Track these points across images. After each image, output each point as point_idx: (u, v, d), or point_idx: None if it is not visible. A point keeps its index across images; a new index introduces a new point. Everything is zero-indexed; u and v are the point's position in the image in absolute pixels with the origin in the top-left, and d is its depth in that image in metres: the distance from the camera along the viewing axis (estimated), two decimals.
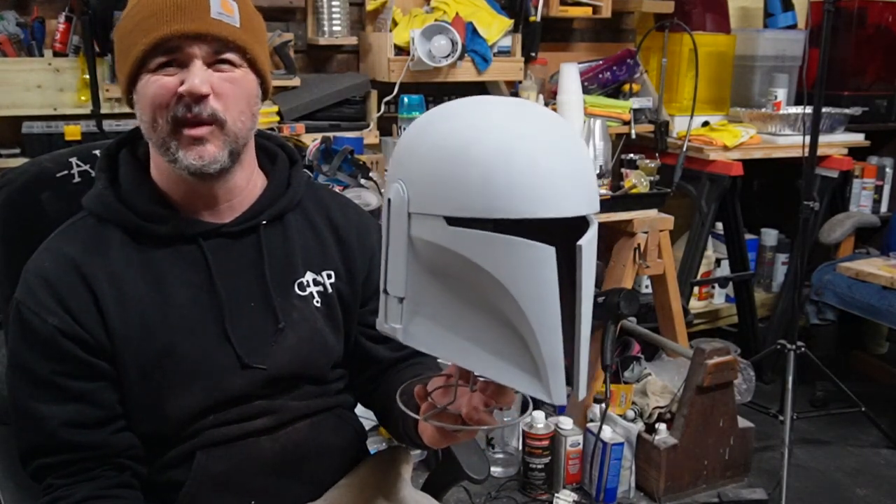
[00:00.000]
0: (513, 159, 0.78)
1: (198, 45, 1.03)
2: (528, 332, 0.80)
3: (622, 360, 2.62)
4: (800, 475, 2.52)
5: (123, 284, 1.08)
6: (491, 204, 0.78)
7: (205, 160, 1.05)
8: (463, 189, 0.79)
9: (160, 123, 1.05)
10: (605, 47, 3.27)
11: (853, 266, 2.84)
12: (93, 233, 1.10)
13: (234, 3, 1.07)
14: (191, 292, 1.10)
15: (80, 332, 1.05)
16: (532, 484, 2.39)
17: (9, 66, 2.36)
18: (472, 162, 0.79)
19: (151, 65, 1.04)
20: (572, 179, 0.80)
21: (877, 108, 3.36)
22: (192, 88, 1.02)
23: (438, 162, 0.81)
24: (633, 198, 2.55)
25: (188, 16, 1.02)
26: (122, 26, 1.07)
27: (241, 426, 1.13)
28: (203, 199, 1.13)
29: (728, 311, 3.38)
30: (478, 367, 0.87)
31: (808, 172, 2.54)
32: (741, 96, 3.33)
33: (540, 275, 0.79)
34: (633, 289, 2.55)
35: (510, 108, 0.84)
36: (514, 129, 0.81)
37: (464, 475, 1.28)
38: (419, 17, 2.73)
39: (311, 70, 2.84)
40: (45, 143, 2.32)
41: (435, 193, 0.81)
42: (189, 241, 1.12)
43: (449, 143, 0.81)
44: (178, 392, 1.09)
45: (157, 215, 1.11)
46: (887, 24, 3.36)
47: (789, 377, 2.50)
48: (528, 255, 0.78)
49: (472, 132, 0.80)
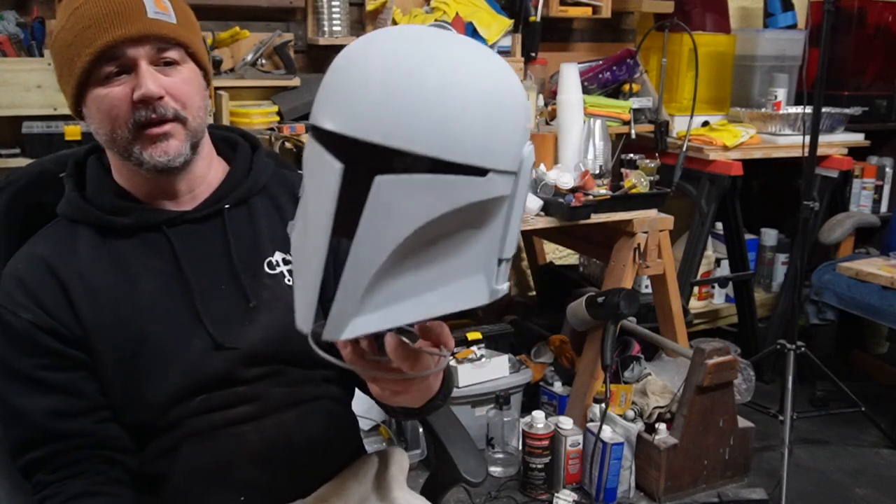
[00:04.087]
0: (338, 66, 0.76)
1: (141, 48, 1.05)
2: (309, 253, 0.78)
3: (622, 360, 2.62)
4: (800, 475, 2.52)
5: (92, 278, 1.11)
6: (316, 109, 0.77)
7: (170, 155, 1.09)
8: (318, 96, 0.78)
9: (120, 133, 1.08)
10: (605, 47, 3.27)
11: (853, 266, 2.84)
12: (64, 234, 1.14)
13: (168, 0, 1.09)
14: (159, 279, 1.13)
15: (53, 324, 1.08)
16: (532, 484, 2.39)
17: (9, 66, 2.35)
18: (330, 71, 0.78)
19: (99, 76, 1.06)
20: (381, 103, 0.72)
21: (877, 108, 3.36)
22: (147, 93, 1.05)
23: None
24: (633, 198, 2.55)
25: (126, 20, 1.04)
26: (60, 39, 1.08)
27: (223, 413, 1.13)
28: (166, 192, 1.16)
29: (728, 311, 3.38)
30: (299, 294, 0.82)
31: (808, 172, 2.54)
32: (741, 96, 3.33)
33: (322, 188, 0.75)
34: (633, 289, 2.55)
35: (407, 33, 0.78)
36: (388, 45, 0.76)
37: (460, 478, 1.28)
38: (419, 17, 2.73)
39: (311, 70, 2.84)
40: (45, 143, 2.32)
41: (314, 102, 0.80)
42: (153, 230, 1.15)
43: (341, 54, 0.79)
44: (156, 378, 1.10)
45: (121, 208, 1.14)
46: (887, 24, 3.36)
47: (789, 377, 2.50)
48: (321, 165, 0.75)
49: (353, 49, 0.78)
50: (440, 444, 1.32)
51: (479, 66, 0.76)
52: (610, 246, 2.62)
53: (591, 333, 2.60)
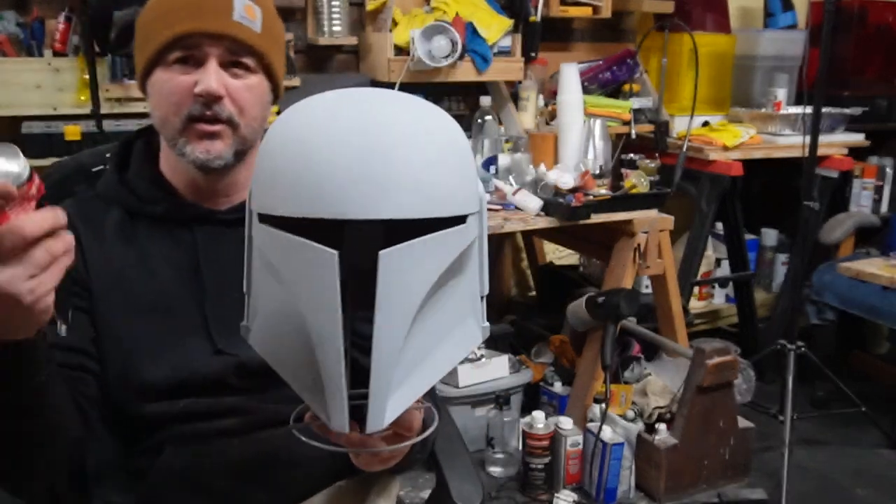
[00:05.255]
0: (296, 153, 0.73)
1: (215, 46, 1.06)
2: (311, 342, 0.74)
3: (622, 360, 2.62)
4: (800, 475, 2.52)
5: (112, 250, 1.11)
6: (276, 200, 0.74)
7: (211, 154, 1.08)
8: (262, 184, 0.77)
9: (172, 120, 1.08)
10: (605, 47, 3.27)
11: (853, 266, 2.84)
12: (93, 207, 1.15)
13: (258, 8, 1.09)
14: (175, 272, 1.12)
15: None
16: (532, 484, 2.38)
17: (9, 66, 2.36)
18: (269, 155, 0.76)
19: (167, 59, 1.07)
20: (360, 179, 0.71)
21: (877, 108, 3.36)
22: (208, 89, 1.05)
23: (259, 157, 0.79)
24: (633, 198, 2.55)
25: (209, 15, 1.05)
26: (145, 15, 1.11)
27: (211, 423, 1.11)
28: (204, 191, 1.16)
29: (728, 311, 3.38)
30: (288, 378, 0.81)
31: (809, 172, 2.54)
32: (741, 96, 3.33)
33: (321, 280, 0.71)
34: (633, 289, 2.55)
35: (337, 101, 0.77)
36: (325, 122, 0.74)
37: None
38: (419, 17, 2.73)
39: (311, 70, 2.84)
40: (45, 143, 2.32)
41: (254, 189, 0.79)
42: (182, 225, 1.14)
43: (268, 137, 0.79)
44: (147, 361, 1.08)
45: (154, 197, 1.14)
46: (887, 24, 3.36)
47: (789, 377, 2.50)
48: (311, 258, 0.72)
49: (283, 126, 0.76)
50: (437, 465, 1.28)
51: (425, 118, 0.77)
52: (610, 246, 2.62)
53: (591, 333, 2.60)
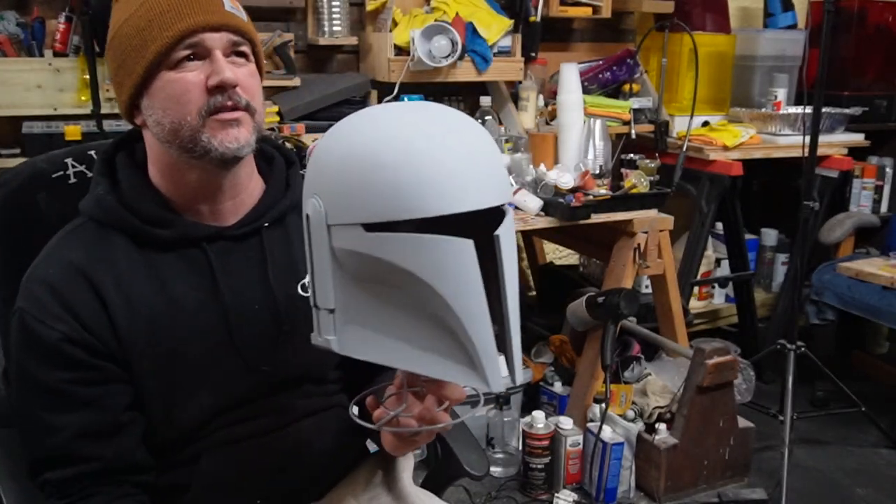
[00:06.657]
0: (418, 159, 0.81)
1: (218, 38, 1.05)
2: (458, 325, 0.82)
3: (622, 360, 2.62)
4: (800, 475, 2.52)
5: (130, 288, 1.07)
6: (402, 205, 0.80)
7: (240, 142, 1.05)
8: (375, 194, 0.81)
9: (189, 121, 1.03)
10: (605, 47, 3.27)
11: (853, 266, 2.84)
12: (95, 238, 1.08)
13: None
14: (196, 296, 1.10)
15: (89, 338, 1.03)
16: (532, 484, 2.39)
17: (9, 66, 2.36)
18: (381, 166, 0.81)
19: (170, 61, 1.03)
20: (478, 173, 0.83)
21: (877, 108, 3.35)
22: (226, 79, 1.03)
23: (349, 171, 0.83)
24: (633, 198, 2.55)
25: (205, 9, 1.04)
26: (129, 25, 1.05)
27: (246, 426, 1.13)
28: (207, 196, 1.11)
29: (728, 311, 3.38)
30: (415, 366, 0.89)
31: (808, 172, 2.54)
32: (741, 96, 3.33)
33: (462, 268, 0.81)
34: (633, 289, 2.55)
35: (413, 112, 0.87)
36: (418, 130, 0.83)
37: (463, 472, 1.29)
38: (419, 17, 2.73)
39: (311, 70, 2.84)
40: (45, 143, 2.32)
41: (349, 203, 0.83)
42: (192, 245, 1.11)
43: (357, 151, 0.83)
44: (186, 396, 1.09)
45: (161, 219, 1.09)
46: (887, 24, 3.36)
47: (789, 377, 2.50)
48: (447, 251, 0.81)
49: (379, 138, 0.83)
50: (442, 439, 1.32)
51: (467, 118, 0.89)
52: (610, 246, 2.62)
53: (591, 333, 2.60)
